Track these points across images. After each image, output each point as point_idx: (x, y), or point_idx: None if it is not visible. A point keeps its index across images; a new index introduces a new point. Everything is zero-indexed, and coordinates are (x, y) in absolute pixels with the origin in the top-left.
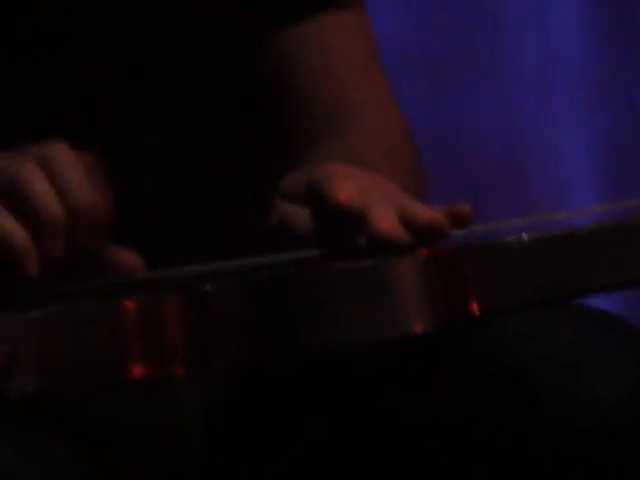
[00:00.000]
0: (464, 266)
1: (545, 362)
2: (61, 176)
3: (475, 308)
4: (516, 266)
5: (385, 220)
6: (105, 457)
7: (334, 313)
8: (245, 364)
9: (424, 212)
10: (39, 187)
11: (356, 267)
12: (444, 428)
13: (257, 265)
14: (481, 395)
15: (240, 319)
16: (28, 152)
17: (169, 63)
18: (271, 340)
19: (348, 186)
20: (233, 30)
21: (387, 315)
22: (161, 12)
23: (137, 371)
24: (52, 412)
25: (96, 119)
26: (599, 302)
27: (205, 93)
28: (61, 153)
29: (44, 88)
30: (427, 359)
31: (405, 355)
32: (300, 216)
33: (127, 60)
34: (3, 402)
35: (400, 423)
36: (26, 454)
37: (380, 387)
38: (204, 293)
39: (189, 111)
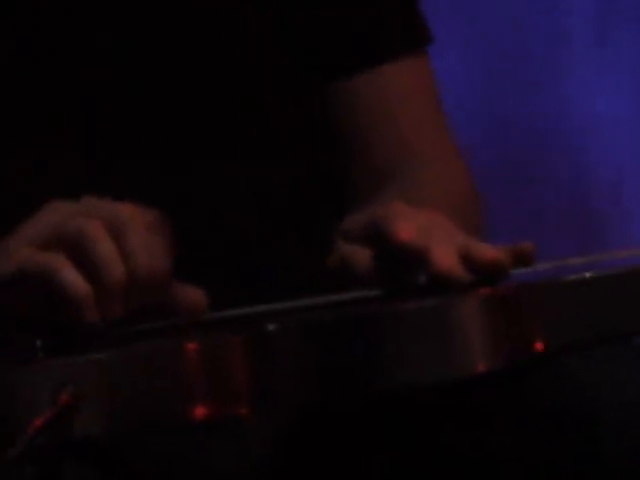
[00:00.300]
0: (527, 305)
1: (607, 402)
2: (126, 239)
3: (539, 347)
4: (579, 304)
5: (446, 258)
6: None
7: (397, 354)
8: (308, 405)
9: (487, 251)
10: (103, 248)
11: (418, 307)
12: (504, 465)
13: (317, 305)
14: (542, 434)
15: (303, 359)
16: (96, 206)
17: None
18: (334, 381)
19: (409, 225)
20: (292, 77)
21: (450, 355)
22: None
23: (200, 412)
24: (117, 454)
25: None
26: None
27: (265, 141)
28: (128, 214)
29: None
30: (488, 396)
31: (467, 392)
32: (361, 256)
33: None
34: (67, 442)
35: (460, 460)
36: None
37: (441, 424)
38: (267, 333)
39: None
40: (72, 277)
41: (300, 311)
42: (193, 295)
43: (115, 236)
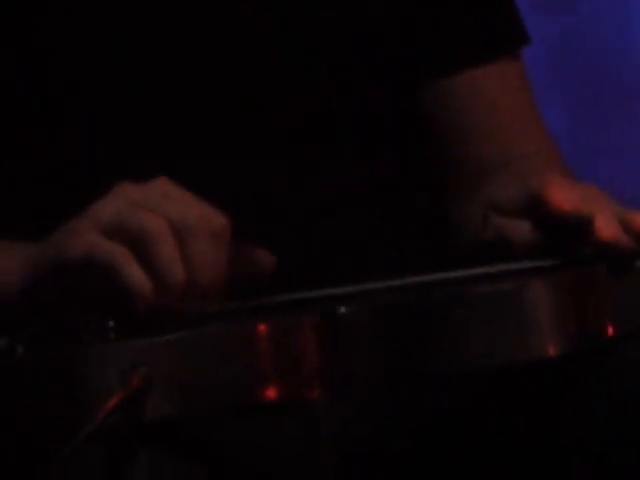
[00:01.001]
0: (598, 288)
1: None
2: (188, 245)
3: (610, 330)
4: None
5: (610, 227)
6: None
7: (466, 336)
8: (379, 387)
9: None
10: (164, 251)
11: (489, 290)
12: (564, 451)
13: (390, 288)
14: (610, 421)
15: (373, 341)
16: (167, 201)
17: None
18: (403, 363)
19: (572, 194)
20: (387, 74)
21: (521, 337)
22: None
23: (271, 393)
24: (185, 435)
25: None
26: None
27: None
28: (196, 217)
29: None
30: (559, 382)
31: (538, 378)
32: (522, 228)
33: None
34: (140, 424)
35: (531, 445)
36: (161, 478)
37: (506, 410)
38: (338, 315)
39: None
40: (138, 276)
41: (372, 294)
42: (260, 255)
43: (179, 239)
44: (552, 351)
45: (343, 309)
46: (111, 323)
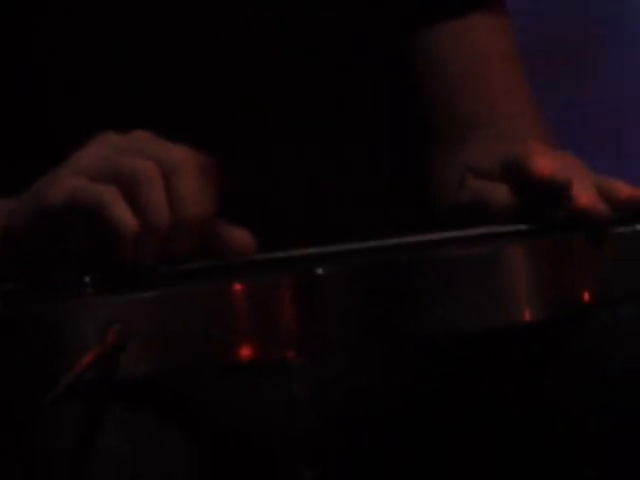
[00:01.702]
0: (575, 256)
1: None
2: (177, 184)
3: (587, 298)
4: (629, 257)
5: (587, 194)
6: (214, 438)
7: (443, 300)
8: (354, 348)
9: (624, 188)
10: (155, 193)
11: (466, 254)
12: (543, 422)
13: (370, 249)
14: (588, 390)
15: (351, 303)
16: (149, 145)
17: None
18: (379, 325)
19: (550, 161)
20: (374, 25)
21: (497, 303)
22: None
23: (247, 352)
24: (162, 394)
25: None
26: None
27: (344, 85)
28: (181, 156)
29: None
30: (536, 351)
31: (514, 347)
32: (498, 191)
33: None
34: (114, 381)
35: (500, 416)
36: (136, 436)
37: (483, 379)
38: (315, 276)
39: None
40: (124, 213)
41: (350, 255)
42: (241, 237)
43: (167, 178)
44: (528, 316)
45: (321, 269)
46: (88, 279)
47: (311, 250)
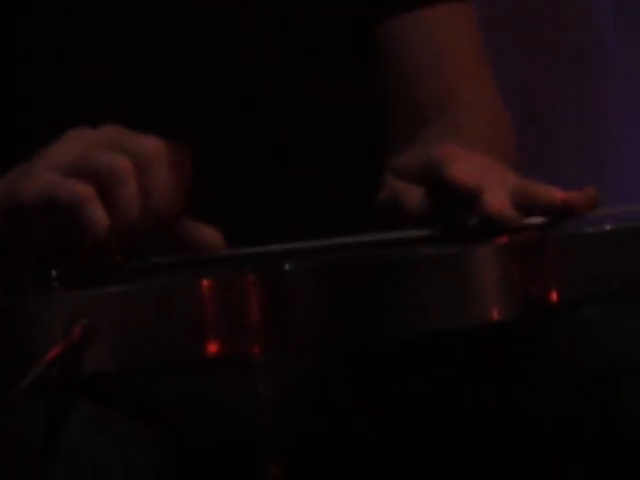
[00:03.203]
0: (544, 256)
1: (624, 361)
2: (150, 177)
3: (554, 298)
4: (597, 257)
5: (497, 200)
6: (179, 434)
7: (411, 300)
8: (319, 346)
9: (547, 190)
10: (129, 191)
11: (434, 254)
12: (522, 423)
13: (340, 246)
14: (561, 392)
15: (316, 300)
16: (122, 139)
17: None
18: (345, 324)
19: (464, 166)
20: (337, 14)
21: (464, 302)
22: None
23: (213, 349)
24: (127, 389)
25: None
26: None
27: (303, 77)
28: (154, 150)
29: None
30: (504, 351)
31: (482, 347)
32: (413, 193)
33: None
34: (79, 377)
35: (478, 417)
36: (102, 431)
37: (458, 380)
38: (282, 273)
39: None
40: (97, 214)
41: (318, 252)
42: (210, 235)
43: (140, 172)
44: (495, 316)
45: (288, 266)
46: (54, 273)
47: (279, 247)
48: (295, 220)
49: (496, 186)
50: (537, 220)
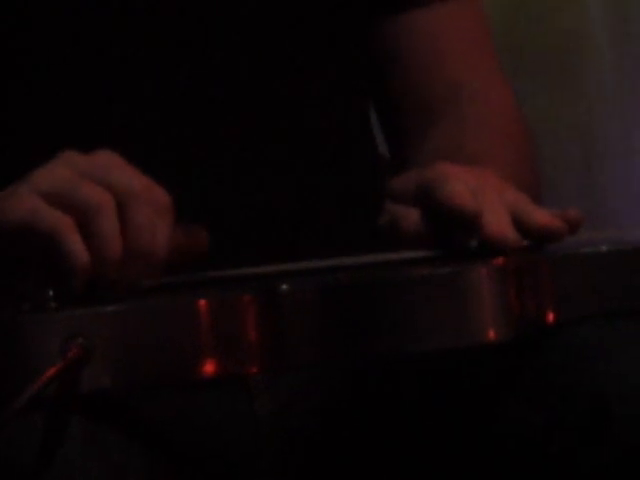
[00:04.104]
0: (540, 276)
1: (617, 377)
2: (132, 216)
3: (550, 318)
4: (591, 277)
5: (497, 223)
6: (175, 453)
7: (407, 320)
8: (317, 367)
9: (539, 215)
10: (108, 226)
11: (431, 274)
12: (511, 438)
13: (337, 267)
14: (550, 407)
15: (314, 321)
16: (111, 171)
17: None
18: (342, 344)
19: (461, 188)
20: (339, 12)
21: (461, 322)
22: None
23: (210, 368)
24: (123, 408)
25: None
26: None
27: (306, 77)
28: (141, 188)
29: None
30: (498, 370)
31: (476, 366)
32: (411, 217)
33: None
34: (75, 395)
35: (469, 434)
36: (97, 450)
37: (451, 398)
38: (279, 293)
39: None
40: (76, 247)
41: (315, 273)
42: (195, 234)
43: (123, 209)
44: (492, 336)
45: (285, 286)
46: (51, 292)
47: (275, 267)
48: (291, 238)
49: (494, 206)
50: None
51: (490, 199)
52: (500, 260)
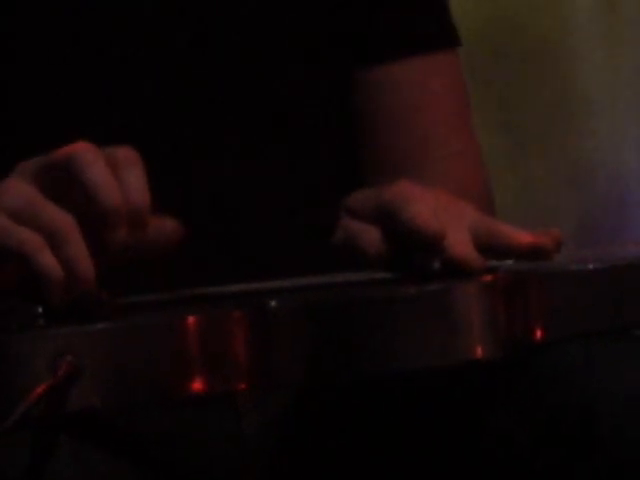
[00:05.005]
0: (527, 294)
1: (605, 393)
2: (123, 173)
3: (538, 335)
4: (580, 294)
5: (460, 245)
6: (162, 471)
7: (395, 338)
8: (305, 384)
9: (507, 232)
10: (75, 250)
11: (418, 292)
12: (499, 454)
13: (321, 284)
14: (538, 424)
15: (302, 338)
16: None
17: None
18: (330, 362)
19: (423, 209)
20: (319, 64)
21: (449, 340)
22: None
23: (198, 386)
24: (109, 427)
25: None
26: None
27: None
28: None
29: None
30: (488, 388)
31: (466, 383)
32: (370, 235)
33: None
34: (66, 413)
35: (456, 450)
36: (85, 468)
37: (438, 414)
38: (268, 310)
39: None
40: (48, 262)
41: (303, 290)
42: (167, 226)
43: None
44: (480, 353)
45: (273, 303)
46: (40, 309)
47: (263, 284)
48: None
49: (456, 228)
50: (502, 262)
51: (451, 220)
52: (488, 278)
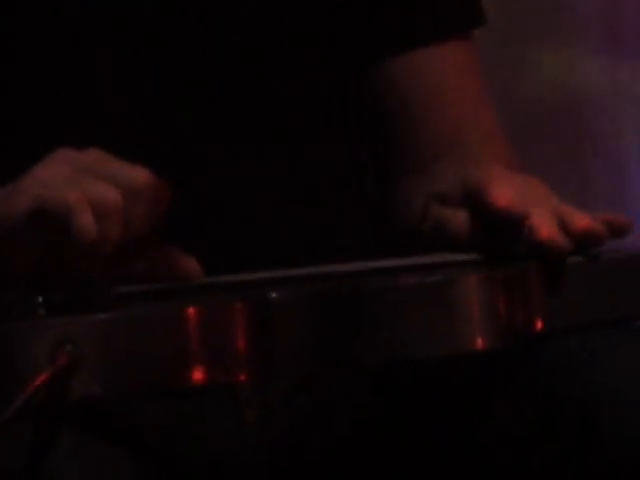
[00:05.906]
0: (529, 285)
1: (605, 385)
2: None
3: (539, 326)
4: (579, 287)
5: (546, 227)
6: (162, 462)
7: (396, 328)
8: (306, 374)
9: (582, 219)
10: (112, 224)
11: (419, 282)
12: (499, 447)
13: (326, 274)
14: (538, 415)
15: (303, 329)
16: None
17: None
18: (331, 352)
19: (508, 191)
20: (338, 55)
21: (449, 331)
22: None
23: (198, 376)
24: (111, 416)
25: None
26: None
27: (308, 116)
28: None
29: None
30: (488, 379)
31: (466, 375)
32: (458, 219)
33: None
34: (66, 403)
35: (453, 445)
36: (84, 457)
37: (437, 406)
38: (268, 301)
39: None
40: (88, 220)
41: (303, 280)
42: (187, 264)
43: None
44: (481, 344)
45: (274, 294)
46: (40, 299)
47: (264, 274)
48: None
49: (543, 211)
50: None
51: (538, 202)
52: (489, 269)
